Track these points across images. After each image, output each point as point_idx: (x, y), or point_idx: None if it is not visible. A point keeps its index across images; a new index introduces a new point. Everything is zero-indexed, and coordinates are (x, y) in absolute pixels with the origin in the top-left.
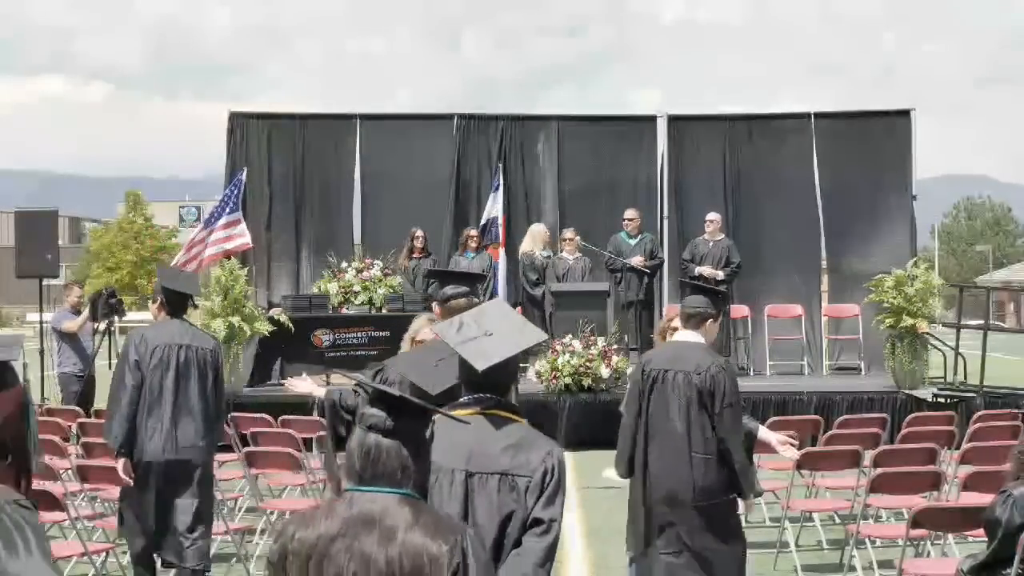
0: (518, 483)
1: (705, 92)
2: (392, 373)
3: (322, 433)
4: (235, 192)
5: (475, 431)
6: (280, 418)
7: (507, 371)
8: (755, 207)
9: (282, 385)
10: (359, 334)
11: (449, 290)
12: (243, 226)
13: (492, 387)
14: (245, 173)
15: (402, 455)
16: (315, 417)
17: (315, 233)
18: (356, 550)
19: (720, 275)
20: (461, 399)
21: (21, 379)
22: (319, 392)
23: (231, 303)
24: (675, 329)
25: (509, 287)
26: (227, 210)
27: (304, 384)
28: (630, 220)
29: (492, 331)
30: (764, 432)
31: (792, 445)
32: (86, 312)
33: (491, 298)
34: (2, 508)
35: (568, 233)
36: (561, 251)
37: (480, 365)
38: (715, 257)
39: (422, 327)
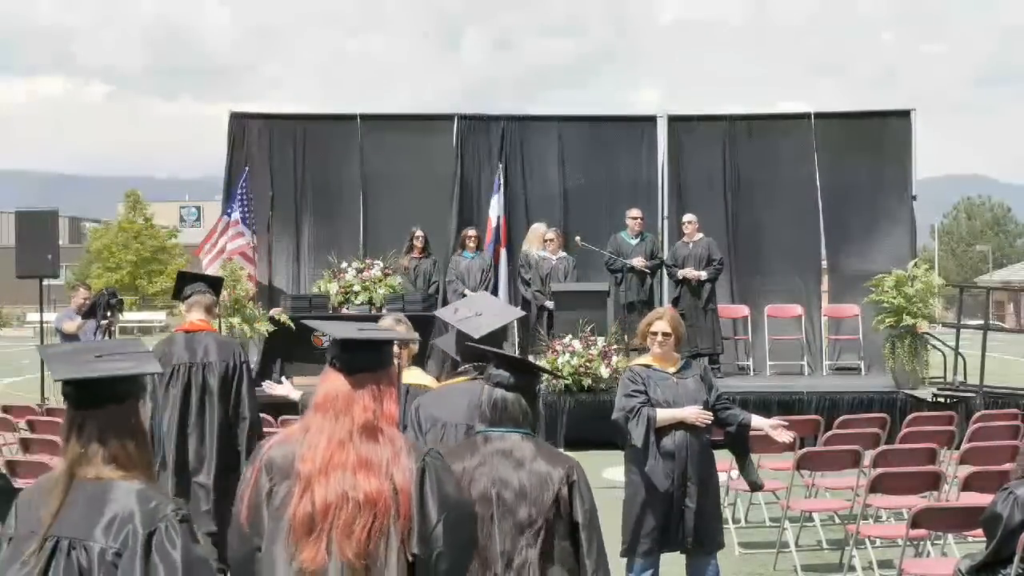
0: None
1: (705, 92)
2: None
3: None
4: (241, 195)
5: (473, 393)
6: (280, 418)
7: (495, 343)
8: (755, 207)
9: (260, 387)
10: None
11: (188, 289)
12: (230, 233)
13: (483, 357)
14: (245, 178)
15: (522, 404)
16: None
17: (315, 233)
18: (495, 475)
19: (703, 275)
20: (461, 368)
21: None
22: (295, 395)
23: (232, 303)
24: (656, 334)
25: (510, 287)
26: (233, 214)
27: (281, 388)
28: (635, 219)
29: (481, 311)
30: (757, 420)
31: (784, 428)
32: (80, 318)
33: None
34: (167, 518)
35: (550, 233)
36: (544, 250)
37: (476, 335)
38: (697, 257)
39: (390, 327)
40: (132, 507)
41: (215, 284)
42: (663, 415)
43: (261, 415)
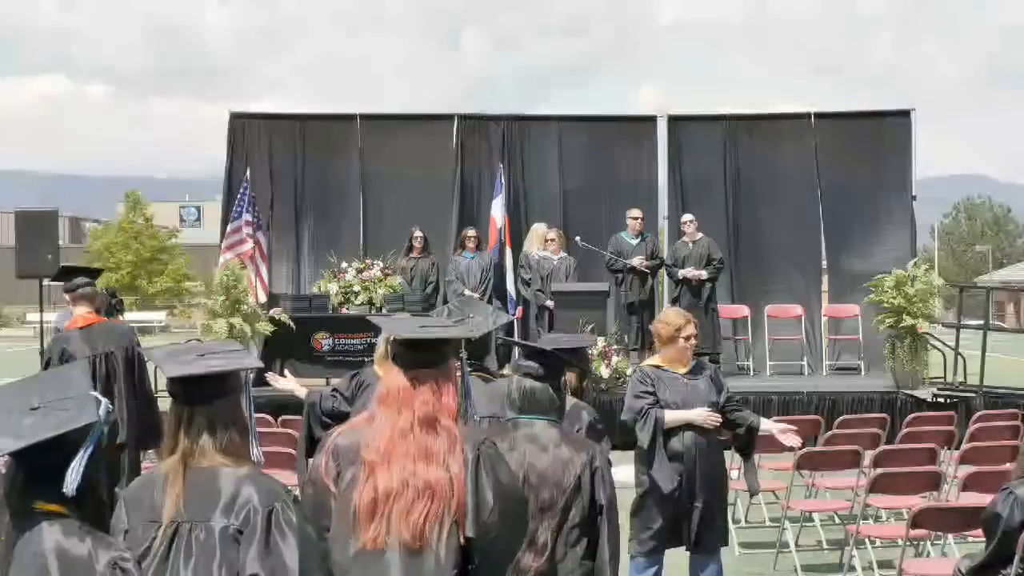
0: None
1: (705, 92)
2: (366, 376)
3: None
4: (243, 197)
5: (492, 389)
6: (280, 418)
7: (483, 344)
8: (755, 207)
9: (265, 379)
10: (359, 340)
11: (78, 281)
12: (244, 233)
13: (473, 355)
14: (248, 179)
15: (549, 393)
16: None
17: (315, 233)
18: (523, 459)
19: (704, 275)
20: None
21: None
22: (301, 392)
23: (232, 303)
24: (688, 338)
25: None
26: (235, 217)
27: (286, 381)
28: (636, 219)
29: (473, 315)
30: (766, 423)
31: (793, 432)
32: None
33: (491, 299)
34: (283, 498)
35: (552, 233)
36: (544, 251)
37: (472, 336)
38: (697, 257)
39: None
40: (249, 489)
41: (95, 275)
42: (671, 417)
43: (261, 415)
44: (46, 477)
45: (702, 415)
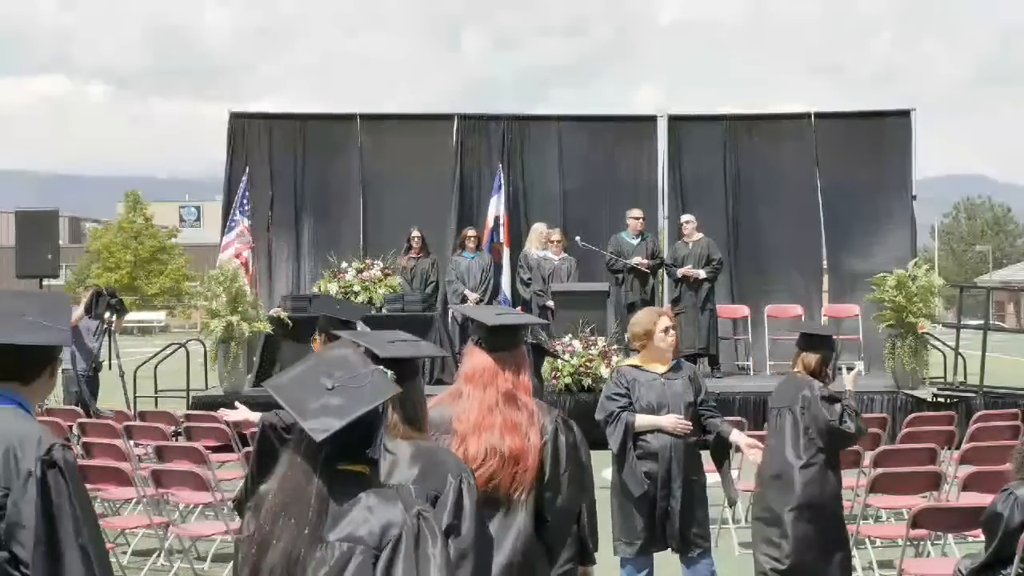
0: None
1: (705, 92)
2: None
3: None
4: (241, 199)
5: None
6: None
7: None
8: (755, 207)
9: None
10: None
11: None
12: (244, 232)
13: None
14: (247, 178)
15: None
16: None
17: (315, 233)
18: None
19: (701, 274)
20: None
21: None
22: (254, 417)
23: (231, 303)
24: (665, 330)
25: (513, 286)
26: (234, 218)
27: (236, 413)
28: (637, 220)
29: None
30: (735, 434)
31: (758, 449)
32: (80, 309)
33: (492, 299)
34: (464, 468)
35: (555, 235)
36: (546, 251)
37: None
38: (696, 257)
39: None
40: (445, 458)
41: None
42: (642, 421)
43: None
44: (353, 442)
45: (671, 422)
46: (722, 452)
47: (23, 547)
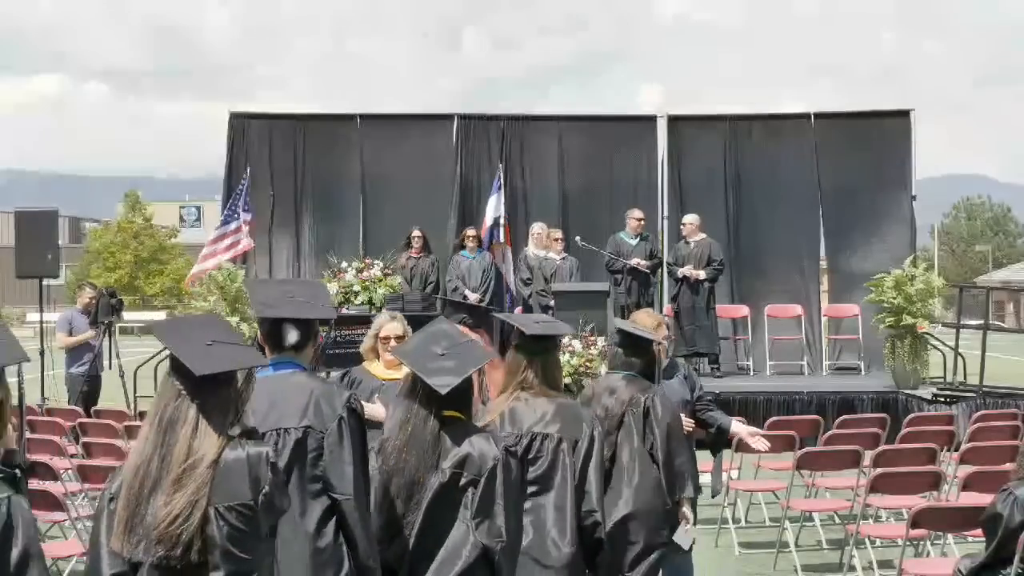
0: None
1: (705, 92)
2: (356, 373)
3: None
4: (239, 199)
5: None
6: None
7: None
8: (755, 207)
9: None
10: (361, 331)
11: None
12: (244, 231)
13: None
14: (248, 176)
15: (624, 356)
16: None
17: (315, 233)
18: (604, 399)
19: (701, 275)
20: None
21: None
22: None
23: (230, 303)
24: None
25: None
26: (232, 218)
27: (378, 408)
28: (638, 220)
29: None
30: (736, 426)
31: (761, 436)
32: (87, 333)
33: (492, 299)
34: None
35: (556, 234)
36: (548, 251)
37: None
38: (696, 257)
39: (384, 323)
40: (580, 413)
41: None
42: None
43: None
44: (454, 394)
45: None
46: (720, 445)
47: (334, 475)
